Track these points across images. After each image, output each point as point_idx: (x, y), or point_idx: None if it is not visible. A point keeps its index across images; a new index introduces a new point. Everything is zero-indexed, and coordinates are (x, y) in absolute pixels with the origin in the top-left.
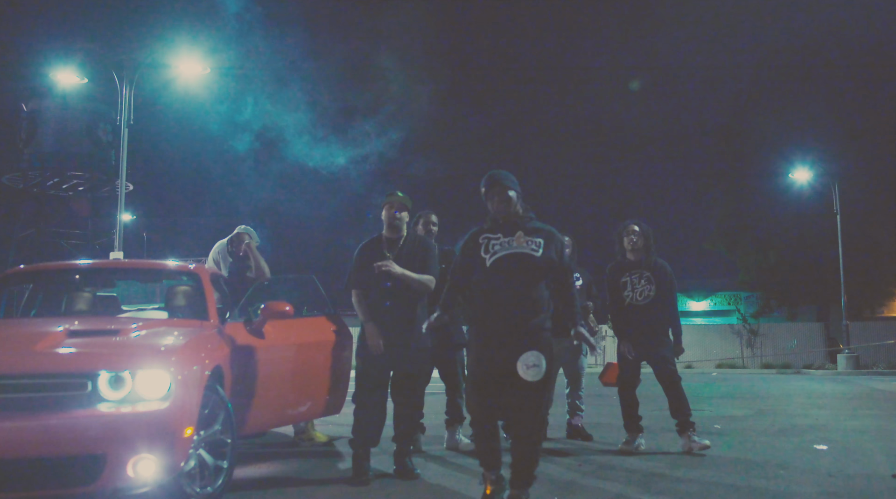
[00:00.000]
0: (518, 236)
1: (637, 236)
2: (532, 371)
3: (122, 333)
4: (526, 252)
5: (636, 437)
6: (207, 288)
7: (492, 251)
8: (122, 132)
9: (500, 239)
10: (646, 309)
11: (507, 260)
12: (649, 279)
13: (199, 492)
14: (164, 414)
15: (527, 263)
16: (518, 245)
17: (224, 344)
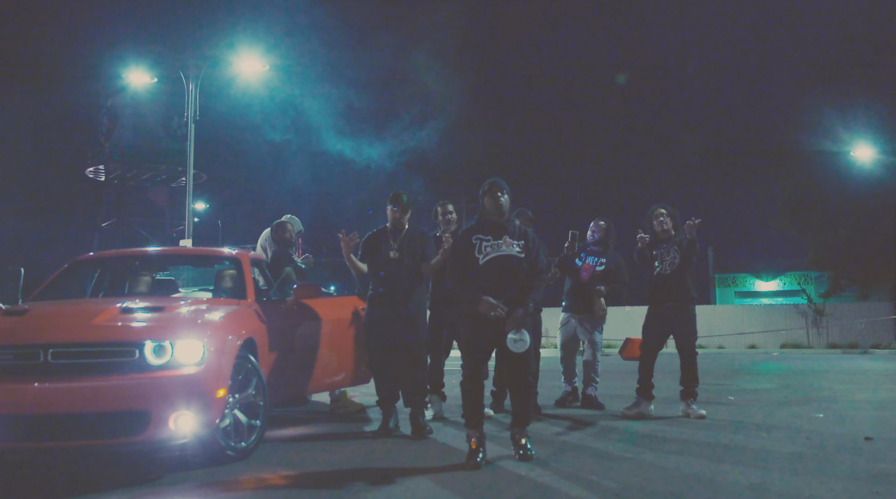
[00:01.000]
0: (505, 240)
1: (664, 218)
2: (518, 345)
3: (167, 310)
4: (512, 254)
5: (642, 402)
6: (247, 271)
7: (484, 252)
8: (188, 128)
9: (490, 241)
10: (671, 278)
11: (497, 260)
12: (677, 251)
13: (233, 446)
14: (199, 377)
15: (513, 262)
16: (506, 248)
17: (258, 319)
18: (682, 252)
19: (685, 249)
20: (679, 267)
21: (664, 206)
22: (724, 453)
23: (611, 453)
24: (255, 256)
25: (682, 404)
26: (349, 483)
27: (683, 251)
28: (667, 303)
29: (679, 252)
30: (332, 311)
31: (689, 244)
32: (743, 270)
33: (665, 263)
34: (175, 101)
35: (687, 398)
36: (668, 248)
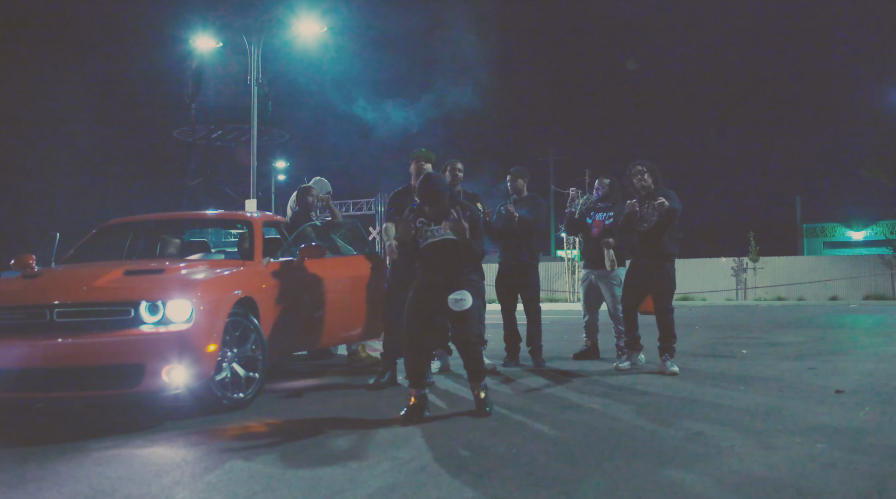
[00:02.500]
0: (444, 225)
1: (644, 175)
2: (458, 304)
3: (168, 271)
4: (450, 238)
5: (633, 354)
6: (257, 234)
7: (424, 236)
8: (252, 89)
9: (430, 226)
10: (649, 234)
11: (438, 244)
12: (655, 209)
13: (230, 396)
14: (188, 333)
15: (450, 246)
16: (445, 232)
17: (260, 279)
18: (660, 215)
19: (662, 216)
20: (656, 225)
21: (642, 162)
22: (683, 406)
23: (576, 404)
24: (271, 218)
25: (659, 360)
26: (318, 431)
27: (660, 216)
28: (642, 259)
29: (657, 208)
30: (338, 270)
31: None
32: (832, 220)
33: (644, 219)
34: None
35: (663, 354)
36: (650, 204)
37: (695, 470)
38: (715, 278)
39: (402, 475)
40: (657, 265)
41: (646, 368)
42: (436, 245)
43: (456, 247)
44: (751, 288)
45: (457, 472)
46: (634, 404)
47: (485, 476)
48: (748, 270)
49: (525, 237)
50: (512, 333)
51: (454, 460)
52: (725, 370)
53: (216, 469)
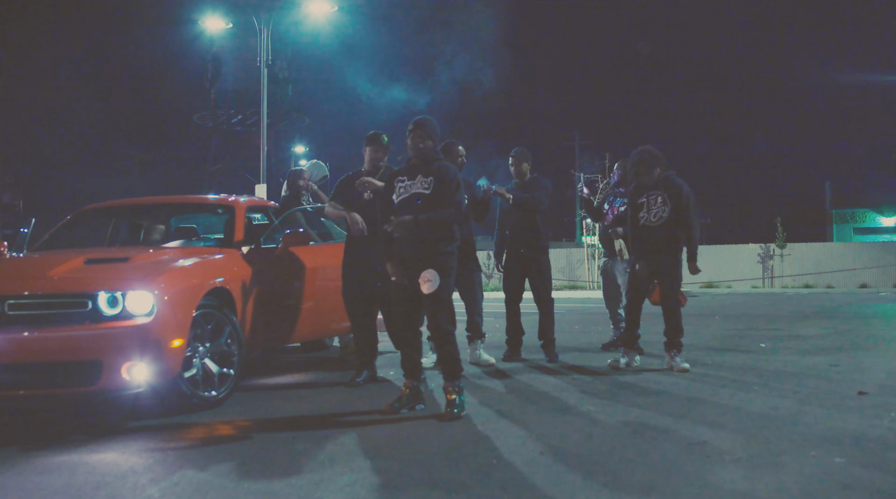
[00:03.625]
0: (418, 180)
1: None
2: (427, 285)
3: (133, 260)
4: (417, 192)
5: (630, 353)
6: (238, 220)
7: (398, 193)
8: (261, 71)
9: (404, 181)
10: (658, 230)
11: (406, 201)
12: (664, 200)
13: (201, 394)
14: (149, 327)
15: (417, 201)
16: (414, 187)
17: (237, 267)
18: (673, 203)
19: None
20: (668, 220)
21: (640, 149)
22: (689, 409)
23: (572, 406)
24: (257, 203)
25: (666, 357)
26: (286, 435)
27: (674, 202)
28: (650, 255)
29: (668, 203)
30: (325, 257)
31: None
32: (862, 205)
33: (651, 212)
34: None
35: (671, 350)
36: (655, 196)
37: (689, 492)
38: (741, 266)
39: (362, 491)
40: (667, 254)
41: (653, 365)
42: (406, 202)
43: (426, 203)
44: (777, 277)
45: (426, 487)
46: (637, 406)
47: (456, 492)
48: (775, 256)
49: (529, 221)
50: (515, 325)
51: (426, 472)
52: (741, 367)
53: (163, 481)
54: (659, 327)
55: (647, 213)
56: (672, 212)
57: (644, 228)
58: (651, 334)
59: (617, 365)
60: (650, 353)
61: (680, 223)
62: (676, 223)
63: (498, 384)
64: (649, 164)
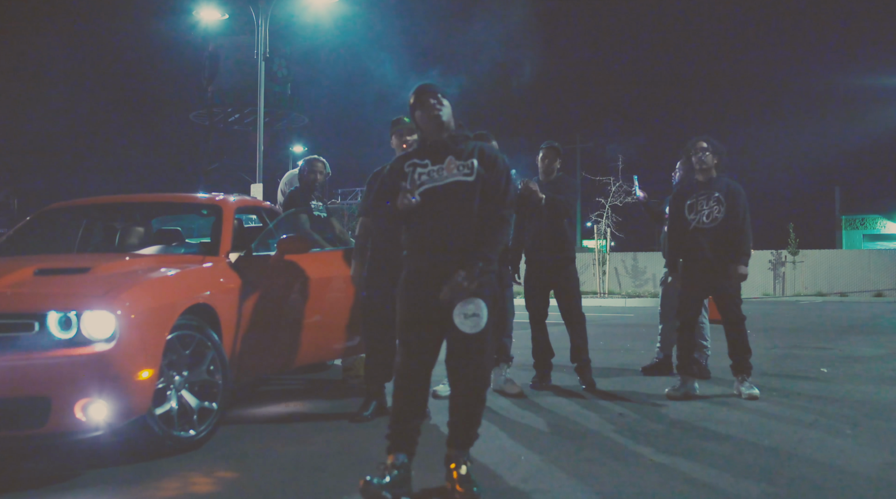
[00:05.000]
0: (448, 163)
1: (706, 153)
2: (470, 322)
3: (93, 270)
4: (458, 179)
5: (687, 380)
6: (226, 223)
7: (418, 182)
8: (259, 65)
9: (427, 167)
10: (713, 233)
11: (437, 193)
12: (719, 200)
13: (175, 435)
14: (109, 356)
15: (461, 193)
16: (448, 174)
17: (223, 280)
18: (729, 204)
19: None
20: (724, 221)
21: (707, 138)
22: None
23: (628, 452)
24: (249, 203)
25: (735, 381)
26: (281, 483)
27: (730, 203)
28: (703, 263)
29: (724, 203)
30: (328, 267)
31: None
32: (872, 211)
33: (703, 213)
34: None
35: (739, 374)
36: (708, 194)
37: None
38: (751, 272)
39: None
40: (721, 262)
41: (712, 392)
42: (436, 193)
43: (470, 196)
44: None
45: None
46: (703, 454)
47: None
48: (787, 263)
49: (556, 226)
50: (543, 347)
51: None
52: (813, 398)
53: None
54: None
55: (698, 214)
56: (728, 213)
57: (695, 232)
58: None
59: (675, 395)
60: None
61: (734, 227)
62: (730, 227)
63: (535, 419)
64: (721, 159)
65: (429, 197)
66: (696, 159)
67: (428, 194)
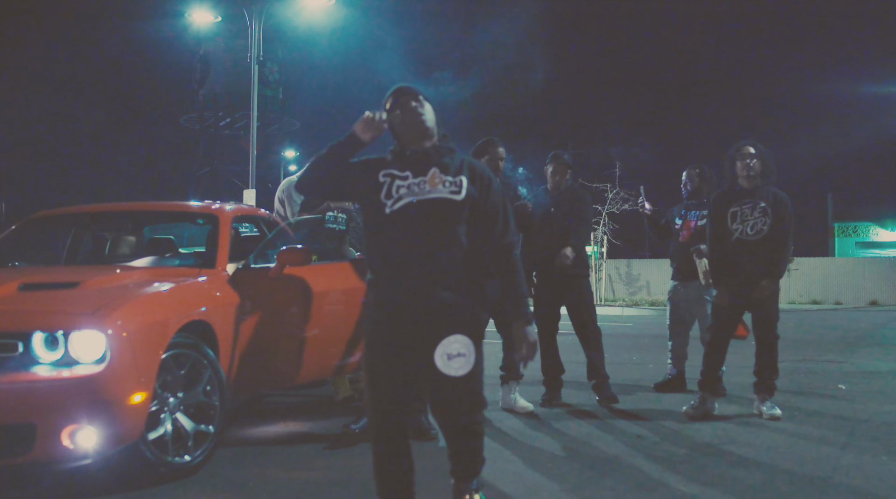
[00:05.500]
0: (432, 176)
1: (753, 159)
2: (456, 363)
3: (83, 285)
4: (443, 197)
5: (707, 398)
6: (223, 233)
7: (395, 196)
8: (252, 68)
9: (408, 179)
10: (756, 246)
11: (418, 209)
12: (764, 211)
13: (170, 461)
14: (99, 379)
15: (446, 211)
16: (432, 188)
17: (220, 295)
18: (775, 215)
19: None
20: (770, 232)
21: (754, 143)
22: (811, 492)
23: (653, 481)
24: (248, 212)
25: (756, 400)
26: None
27: (776, 214)
28: (745, 277)
29: (769, 214)
30: (331, 280)
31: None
32: (865, 218)
33: (747, 224)
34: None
35: (762, 393)
36: (753, 204)
37: None
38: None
39: None
40: (762, 277)
41: (731, 411)
42: (415, 210)
43: (456, 218)
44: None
45: None
46: (734, 483)
47: None
48: None
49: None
50: (553, 362)
51: None
52: (838, 418)
53: None
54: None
55: (743, 224)
56: (774, 224)
57: (738, 244)
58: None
59: (694, 414)
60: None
61: (777, 241)
62: (774, 240)
63: (548, 442)
64: (768, 165)
65: (405, 214)
66: (741, 166)
67: (404, 211)
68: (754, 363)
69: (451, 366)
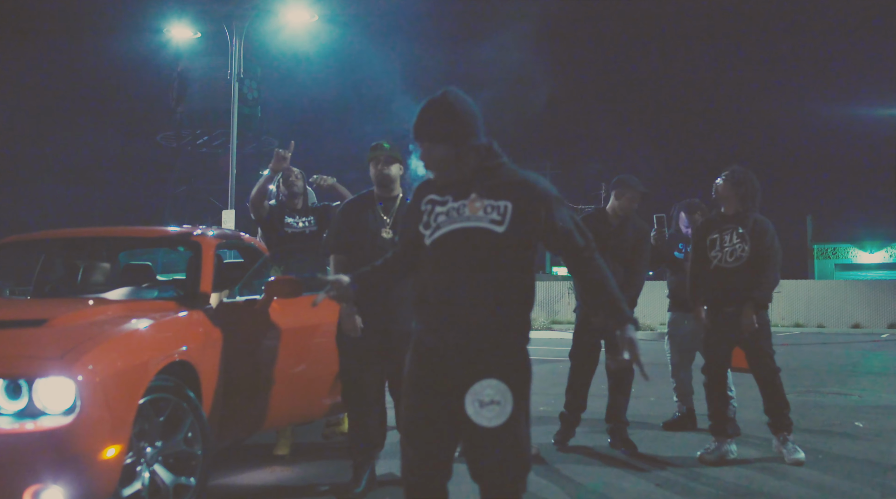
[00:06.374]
0: (472, 201)
1: (723, 183)
2: (488, 411)
3: (51, 323)
4: (479, 226)
5: (722, 443)
6: (206, 262)
7: (434, 225)
8: (232, 86)
9: (447, 204)
10: (735, 273)
11: (454, 239)
12: (742, 237)
13: None
14: (68, 432)
15: (483, 242)
16: (472, 213)
17: (202, 329)
18: (754, 241)
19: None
20: (750, 260)
21: (735, 167)
22: None
23: None
24: (232, 237)
25: (775, 441)
26: None
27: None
28: (727, 307)
29: (748, 240)
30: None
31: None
32: (844, 240)
33: (725, 251)
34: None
35: (779, 432)
36: (731, 230)
37: None
38: None
39: None
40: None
41: (749, 454)
42: (449, 240)
43: (495, 252)
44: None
45: None
46: None
47: None
48: None
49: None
50: (580, 400)
51: None
52: (866, 463)
53: None
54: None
55: (721, 251)
56: (753, 251)
57: (717, 272)
58: None
59: (710, 459)
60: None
61: (759, 268)
62: (755, 268)
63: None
64: (746, 190)
65: (440, 246)
66: (714, 188)
67: (440, 243)
68: (763, 402)
69: (482, 414)
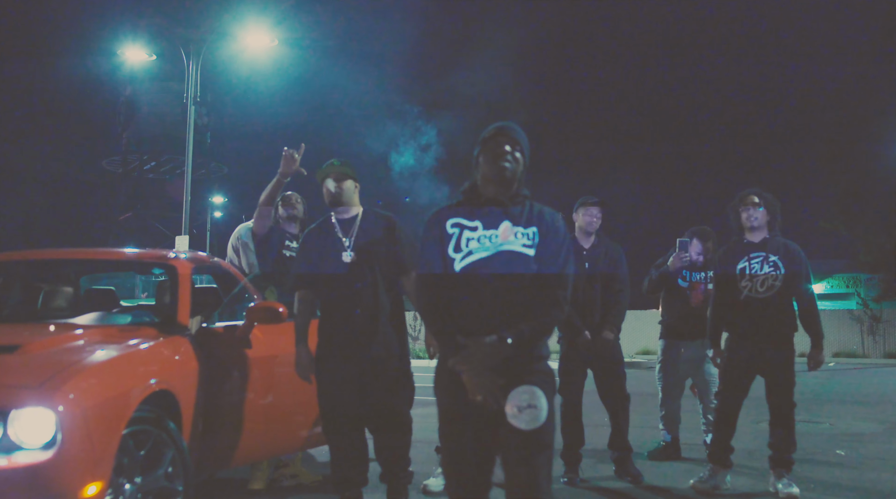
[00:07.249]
0: (504, 230)
1: (757, 209)
2: (527, 415)
3: (24, 349)
4: (515, 250)
5: (718, 472)
6: (183, 286)
7: (465, 250)
8: (188, 110)
9: (477, 230)
10: (767, 304)
11: (488, 265)
12: (775, 265)
13: None
14: (47, 469)
15: (520, 265)
16: (504, 240)
17: (183, 359)
18: (788, 269)
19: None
20: (782, 289)
21: (759, 192)
22: None
23: None
24: (208, 262)
25: (771, 476)
26: None
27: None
28: (756, 338)
29: (781, 268)
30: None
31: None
32: None
33: (757, 280)
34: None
35: (779, 468)
36: (763, 258)
37: None
38: None
39: None
40: (779, 346)
41: (742, 485)
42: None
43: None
44: None
45: None
46: None
47: None
48: None
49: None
50: (576, 431)
51: None
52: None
53: None
54: None
55: (752, 281)
56: (787, 280)
57: (748, 302)
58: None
59: (703, 488)
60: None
61: (796, 296)
62: (789, 297)
63: None
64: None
65: (475, 271)
66: (745, 217)
67: (475, 268)
68: (770, 434)
69: (520, 418)
